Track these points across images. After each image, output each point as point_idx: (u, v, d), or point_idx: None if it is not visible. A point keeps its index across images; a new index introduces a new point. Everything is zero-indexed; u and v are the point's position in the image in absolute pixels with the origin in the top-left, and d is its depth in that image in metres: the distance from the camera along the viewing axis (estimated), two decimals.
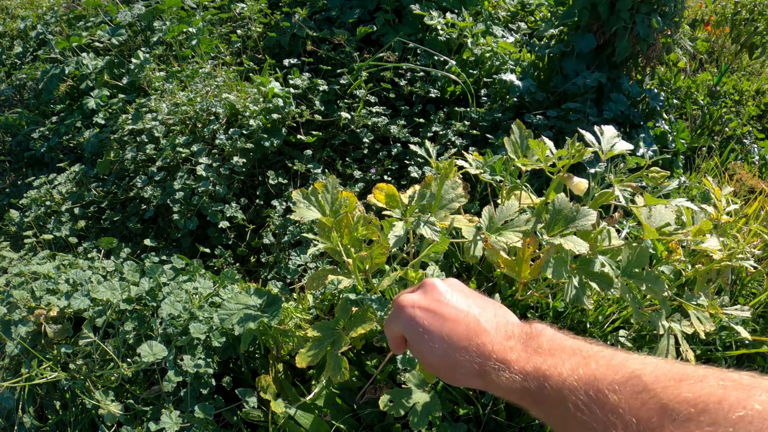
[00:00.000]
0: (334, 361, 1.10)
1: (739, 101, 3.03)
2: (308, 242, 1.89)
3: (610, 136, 1.15)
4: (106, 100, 2.53)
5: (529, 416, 1.42)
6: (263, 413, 1.38)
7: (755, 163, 2.74)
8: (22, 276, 1.64)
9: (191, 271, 1.65)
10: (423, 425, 1.17)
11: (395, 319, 0.63)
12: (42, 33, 3.06)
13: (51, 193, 2.21)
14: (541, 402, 0.48)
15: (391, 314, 0.65)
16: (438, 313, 0.59)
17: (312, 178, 2.17)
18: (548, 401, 0.47)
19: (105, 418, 1.34)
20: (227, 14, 2.99)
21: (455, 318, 0.59)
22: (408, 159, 2.22)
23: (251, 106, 2.20)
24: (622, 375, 0.42)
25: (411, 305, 0.62)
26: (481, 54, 2.53)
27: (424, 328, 0.59)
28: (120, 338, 1.43)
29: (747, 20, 3.44)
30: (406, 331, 0.61)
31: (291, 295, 1.64)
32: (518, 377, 0.50)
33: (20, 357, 1.45)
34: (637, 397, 0.40)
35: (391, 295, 1.46)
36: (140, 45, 2.84)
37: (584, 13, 2.27)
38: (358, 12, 2.70)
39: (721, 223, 1.29)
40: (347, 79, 2.42)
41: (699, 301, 1.26)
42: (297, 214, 1.09)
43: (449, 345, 0.57)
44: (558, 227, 1.11)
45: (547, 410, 0.47)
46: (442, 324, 0.58)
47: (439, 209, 1.17)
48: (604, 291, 1.10)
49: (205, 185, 2.02)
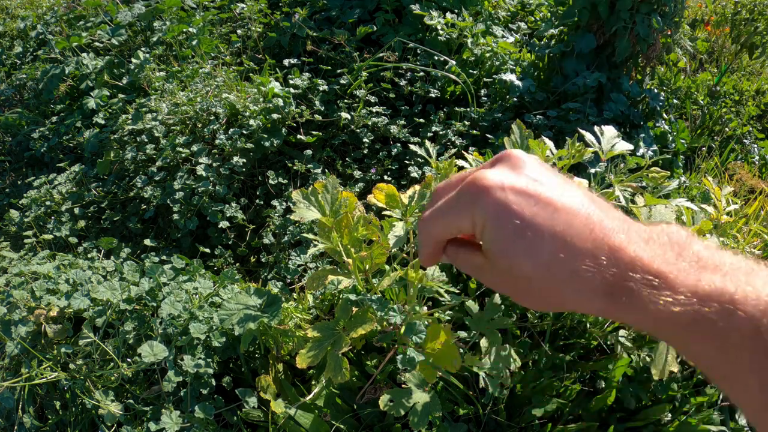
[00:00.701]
0: (335, 361, 1.09)
1: (739, 101, 3.03)
2: (308, 242, 1.89)
3: (610, 136, 1.15)
4: (106, 100, 2.53)
5: (529, 416, 1.41)
6: (263, 413, 1.38)
7: (755, 163, 2.74)
8: (22, 276, 1.64)
9: (191, 271, 1.65)
10: (423, 425, 1.17)
11: (467, 206, 0.43)
12: (42, 33, 3.06)
13: (51, 193, 2.21)
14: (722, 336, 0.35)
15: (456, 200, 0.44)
16: (543, 199, 0.40)
17: (312, 178, 2.17)
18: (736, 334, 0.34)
19: (105, 418, 1.34)
20: (227, 14, 2.99)
21: (569, 208, 0.40)
22: (408, 159, 2.22)
23: (251, 106, 2.20)
24: None
25: (500, 186, 0.41)
26: (481, 54, 2.53)
27: (526, 221, 0.40)
28: (120, 338, 1.43)
29: (747, 20, 3.44)
30: (491, 227, 0.41)
31: (291, 295, 1.64)
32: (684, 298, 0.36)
33: (20, 357, 1.45)
34: None
35: (391, 295, 1.46)
36: (140, 45, 2.84)
37: (584, 13, 2.26)
38: (358, 12, 2.70)
39: (721, 223, 1.29)
40: (347, 79, 2.42)
41: None
42: (297, 214, 1.09)
43: (565, 246, 0.39)
44: None
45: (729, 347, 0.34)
46: (552, 216, 0.40)
47: None
48: None
49: (205, 185, 2.02)
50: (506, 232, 0.40)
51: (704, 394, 1.50)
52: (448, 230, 0.45)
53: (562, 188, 0.42)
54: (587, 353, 1.61)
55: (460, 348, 1.33)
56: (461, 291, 1.65)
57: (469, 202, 0.42)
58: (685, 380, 1.54)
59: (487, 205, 0.41)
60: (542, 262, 0.40)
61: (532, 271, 0.40)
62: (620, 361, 1.45)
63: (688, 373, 1.57)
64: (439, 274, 1.23)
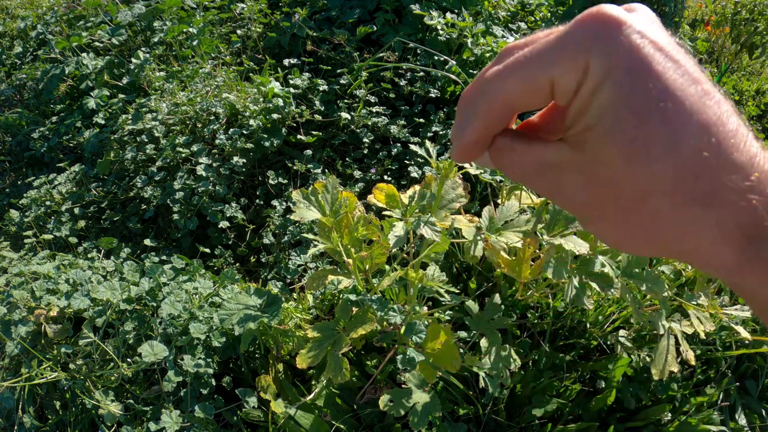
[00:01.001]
0: (335, 362, 1.10)
1: (739, 101, 3.03)
2: (308, 242, 1.89)
3: None
4: (106, 100, 2.53)
5: (529, 416, 1.41)
6: (263, 413, 1.38)
7: None
8: (22, 276, 1.64)
9: (191, 271, 1.65)
10: (423, 425, 1.17)
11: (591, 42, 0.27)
12: (42, 33, 3.06)
13: (51, 193, 2.21)
14: None
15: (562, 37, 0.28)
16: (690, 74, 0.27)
17: (312, 178, 2.17)
18: None
19: (105, 418, 1.34)
20: (227, 14, 2.99)
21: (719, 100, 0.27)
22: (408, 159, 2.22)
23: (251, 106, 2.20)
24: None
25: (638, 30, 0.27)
26: (481, 54, 2.54)
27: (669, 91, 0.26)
28: (120, 338, 1.43)
29: (747, 20, 3.44)
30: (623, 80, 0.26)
31: (291, 295, 1.64)
32: None
33: (20, 357, 1.45)
34: None
35: (391, 295, 1.46)
36: (140, 45, 2.84)
37: None
38: (358, 12, 2.70)
39: None
40: (347, 79, 2.42)
41: (699, 301, 1.26)
42: (297, 214, 1.09)
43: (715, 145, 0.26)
44: (558, 227, 1.11)
45: None
46: (702, 99, 0.26)
47: (439, 209, 1.17)
48: (604, 291, 1.10)
49: (205, 185, 2.02)
50: (640, 97, 0.26)
51: (704, 394, 1.50)
52: (532, 88, 0.29)
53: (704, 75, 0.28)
54: (587, 353, 1.61)
55: (460, 348, 1.33)
56: (461, 291, 1.65)
57: (589, 39, 0.27)
58: (685, 380, 1.54)
59: (620, 47, 0.27)
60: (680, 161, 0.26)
61: (662, 171, 0.26)
62: (620, 361, 1.45)
63: (688, 373, 1.57)
64: (439, 274, 1.23)
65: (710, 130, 0.26)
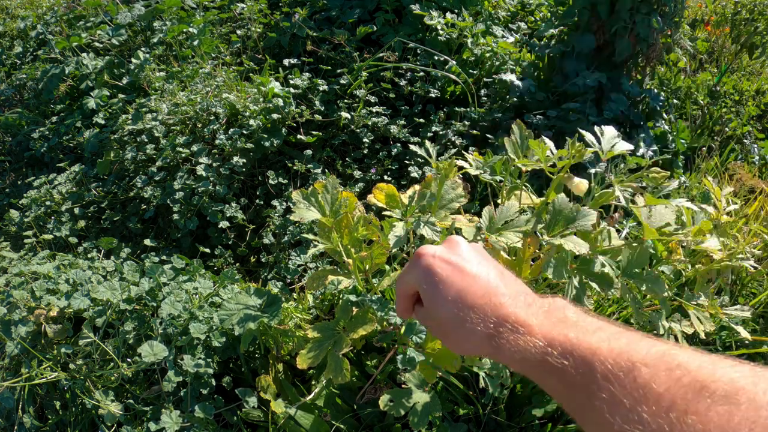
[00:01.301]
0: (335, 362, 1.10)
1: (739, 101, 3.03)
2: (308, 242, 1.89)
3: (610, 137, 1.15)
4: (106, 100, 2.53)
5: (529, 416, 1.42)
6: (263, 413, 1.38)
7: (755, 163, 2.74)
8: (22, 276, 1.64)
9: (191, 271, 1.65)
10: (423, 425, 1.17)
11: (412, 268, 0.59)
12: (42, 33, 3.06)
13: (51, 193, 2.21)
14: (562, 373, 0.44)
15: (408, 265, 0.61)
16: (458, 267, 0.56)
17: (312, 178, 2.17)
18: (572, 372, 0.43)
19: (105, 418, 1.34)
20: (227, 14, 2.99)
21: (475, 275, 0.55)
22: (408, 159, 2.22)
23: (251, 106, 2.20)
24: (656, 351, 0.41)
25: (432, 255, 0.58)
26: (481, 54, 2.54)
27: (440, 278, 0.55)
28: (120, 338, 1.43)
29: (747, 20, 3.44)
30: (420, 280, 0.57)
31: (291, 295, 1.64)
32: (540, 342, 0.47)
33: (20, 357, 1.45)
34: (671, 373, 0.38)
35: (391, 295, 1.46)
36: (140, 45, 2.84)
37: (584, 13, 2.26)
38: (358, 12, 2.70)
39: (721, 223, 1.29)
40: (347, 79, 2.42)
41: (699, 301, 1.26)
42: (297, 214, 1.09)
43: (463, 300, 0.53)
44: (558, 227, 1.11)
45: (568, 382, 0.44)
46: (460, 278, 0.55)
47: (439, 209, 1.17)
48: (604, 291, 1.10)
49: (205, 185, 2.02)
50: (429, 286, 0.56)
51: None
52: (407, 287, 0.61)
53: (478, 262, 0.57)
54: None
55: None
56: None
57: (411, 266, 0.60)
58: None
59: (421, 266, 0.58)
60: (448, 311, 0.54)
61: (443, 317, 0.54)
62: None
63: None
64: None
65: (462, 292, 0.54)
